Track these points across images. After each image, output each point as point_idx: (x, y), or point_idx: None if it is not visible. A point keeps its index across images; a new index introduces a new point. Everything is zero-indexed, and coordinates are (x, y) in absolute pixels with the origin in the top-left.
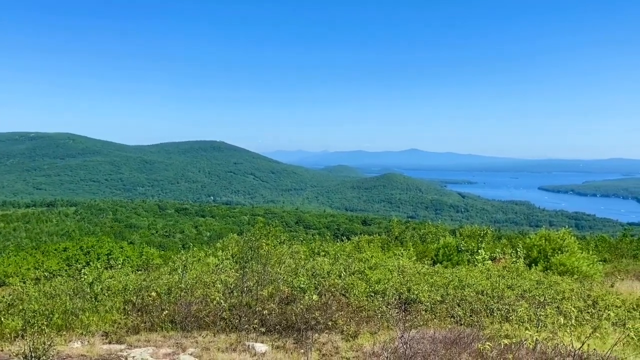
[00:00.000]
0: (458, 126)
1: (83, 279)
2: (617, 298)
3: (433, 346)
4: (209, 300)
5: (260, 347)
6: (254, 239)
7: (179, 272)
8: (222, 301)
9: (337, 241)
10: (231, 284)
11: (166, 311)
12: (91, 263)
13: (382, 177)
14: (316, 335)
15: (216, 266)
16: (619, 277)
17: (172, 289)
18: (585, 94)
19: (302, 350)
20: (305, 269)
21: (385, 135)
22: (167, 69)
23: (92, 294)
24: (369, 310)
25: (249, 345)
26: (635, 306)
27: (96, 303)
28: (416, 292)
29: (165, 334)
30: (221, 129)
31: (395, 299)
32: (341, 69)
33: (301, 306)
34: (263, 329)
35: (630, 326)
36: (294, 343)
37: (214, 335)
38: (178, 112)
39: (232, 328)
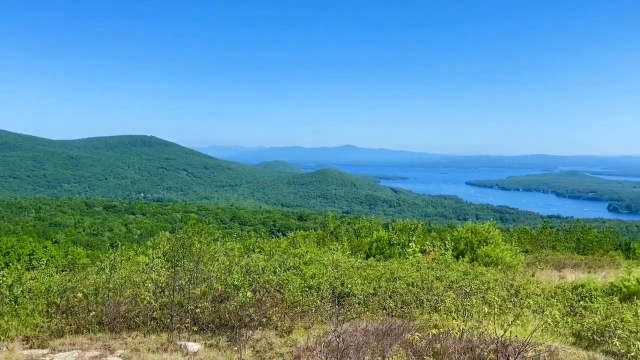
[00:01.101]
0: (391, 123)
1: (1, 282)
2: (537, 287)
3: (365, 338)
4: (139, 300)
5: (193, 346)
6: (186, 236)
7: (107, 271)
8: (152, 301)
9: (273, 237)
10: (162, 283)
11: (93, 312)
12: (11, 264)
13: (318, 173)
14: (250, 332)
15: (147, 265)
16: (539, 267)
17: (100, 289)
18: (511, 95)
19: (236, 348)
20: (239, 266)
21: (322, 132)
22: (92, 61)
23: (11, 297)
24: (303, 306)
25: (180, 345)
26: (553, 294)
27: (16, 306)
28: (350, 286)
29: (92, 336)
30: (152, 123)
31: (329, 293)
32: (278, 67)
33: (235, 303)
34: (195, 328)
35: (547, 313)
36: (227, 341)
37: (145, 336)
38: (106, 105)
39: (163, 328)
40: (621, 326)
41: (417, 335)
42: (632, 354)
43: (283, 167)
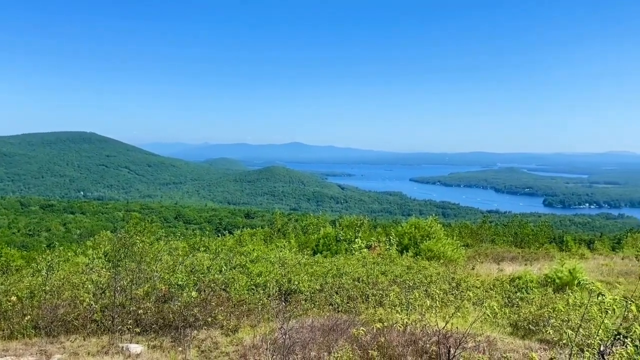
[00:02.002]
0: (338, 121)
1: None
2: (477, 279)
3: (312, 334)
4: (78, 302)
5: (135, 348)
6: (128, 235)
7: (44, 273)
8: (93, 302)
9: (219, 236)
10: (103, 284)
11: (28, 316)
12: None
13: (265, 170)
14: (195, 332)
15: (87, 266)
16: (479, 260)
17: (36, 292)
18: (452, 94)
19: (180, 348)
20: (184, 266)
21: (269, 128)
22: (24, 55)
23: None
24: (250, 304)
25: (122, 347)
26: (492, 286)
27: None
28: (297, 283)
29: (28, 341)
30: (92, 119)
31: (276, 291)
32: (221, 62)
33: (179, 303)
34: (138, 329)
35: (486, 305)
36: (171, 341)
37: (84, 339)
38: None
39: (104, 330)
40: (554, 315)
41: (362, 330)
42: (564, 341)
43: (229, 164)
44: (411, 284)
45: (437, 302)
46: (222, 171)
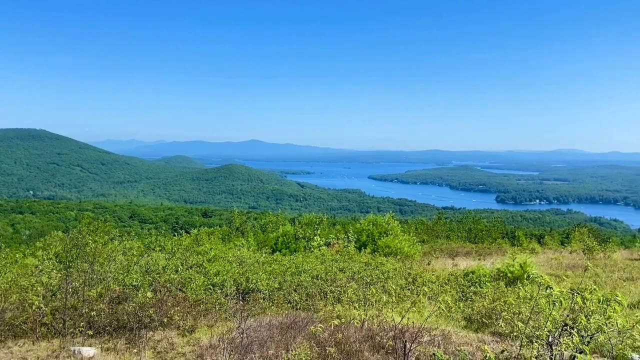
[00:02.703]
0: (297, 119)
1: None
2: (433, 274)
3: (270, 333)
4: (27, 305)
5: (88, 351)
6: (80, 236)
7: None
8: (42, 305)
9: (176, 235)
10: (54, 286)
11: None
12: None
13: (223, 168)
14: (150, 333)
15: (36, 267)
16: (434, 256)
17: None
18: (408, 94)
19: (135, 350)
20: (139, 266)
21: (227, 126)
22: None
23: None
24: (207, 304)
25: (74, 350)
26: (447, 281)
27: None
28: (255, 282)
29: None
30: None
31: (233, 290)
32: (178, 59)
33: (134, 304)
34: (91, 332)
35: (441, 299)
36: (126, 343)
37: (33, 343)
38: None
39: (55, 333)
40: (506, 309)
41: (320, 327)
42: (515, 333)
43: (186, 163)
44: (369, 280)
45: (394, 298)
46: (178, 169)
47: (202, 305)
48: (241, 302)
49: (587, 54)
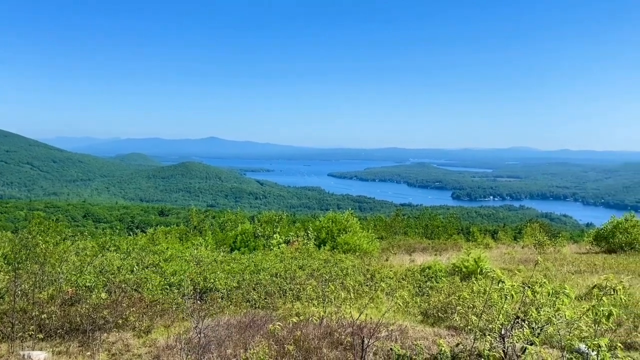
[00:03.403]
0: (257, 116)
1: None
2: (390, 270)
3: (228, 332)
4: None
5: (38, 355)
6: (29, 236)
7: None
8: None
9: (131, 234)
10: (1, 289)
11: None
12: None
13: (180, 166)
14: (105, 335)
15: None
16: (392, 252)
17: None
18: (367, 92)
19: (89, 353)
20: (92, 266)
21: (184, 123)
22: None
23: None
24: (163, 304)
25: (24, 355)
26: (404, 276)
27: None
28: (213, 281)
29: None
30: None
31: (191, 290)
32: (130, 56)
33: (87, 306)
34: (42, 335)
35: (397, 295)
36: (79, 346)
37: None
38: None
39: (3, 338)
40: (460, 303)
41: (279, 325)
42: (469, 327)
43: (142, 160)
44: (328, 277)
45: (352, 294)
46: (134, 167)
47: (158, 306)
48: (199, 301)
49: (540, 55)
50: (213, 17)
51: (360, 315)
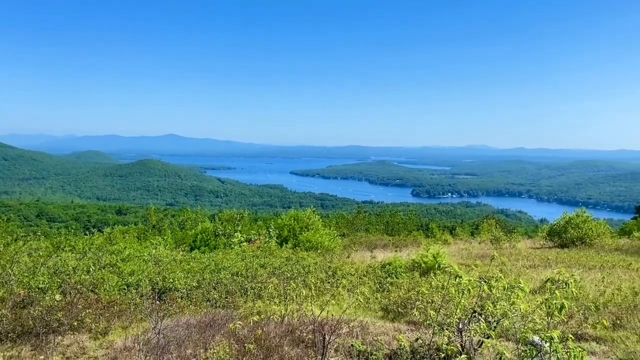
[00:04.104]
0: (217, 113)
1: None
2: (352, 267)
3: (187, 332)
4: None
5: None
6: None
7: None
8: None
9: (87, 234)
10: None
11: None
12: None
13: (138, 164)
14: (59, 337)
15: None
16: (354, 249)
17: None
18: (328, 90)
19: (42, 357)
20: (46, 267)
21: (142, 120)
22: None
23: None
24: (121, 305)
25: None
26: (365, 273)
27: None
28: (172, 280)
29: None
30: None
31: (149, 290)
32: (87, 51)
33: (40, 308)
34: None
35: (358, 291)
36: (31, 350)
37: None
38: None
39: None
40: (419, 298)
41: (239, 324)
42: (428, 322)
43: (99, 158)
44: (290, 275)
45: (314, 292)
46: (90, 165)
47: (116, 307)
48: (157, 301)
49: (494, 58)
50: (170, 12)
51: (321, 313)
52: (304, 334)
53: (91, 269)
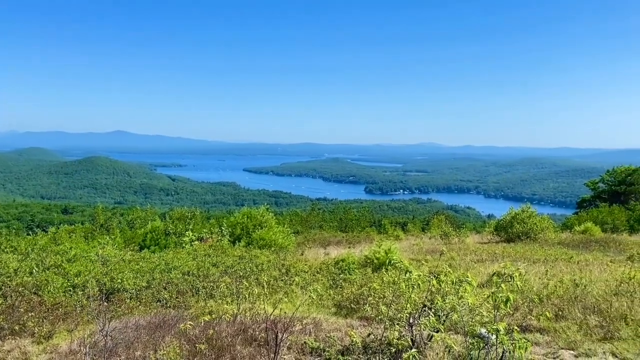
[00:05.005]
0: (168, 109)
1: None
2: (306, 264)
3: (137, 333)
4: None
5: None
6: None
7: None
8: None
9: (31, 234)
10: None
11: None
12: None
13: (85, 161)
14: None
15: None
16: (308, 246)
17: None
18: (280, 87)
19: None
20: None
21: (89, 115)
22: None
23: None
24: (66, 307)
25: None
26: (319, 270)
27: None
28: (120, 281)
29: None
30: None
31: (96, 291)
32: (26, 44)
33: None
34: None
35: (311, 289)
36: None
37: None
38: None
39: None
40: (372, 294)
41: (190, 324)
42: (380, 317)
43: (43, 155)
44: (242, 274)
45: (267, 290)
46: (34, 162)
47: (61, 309)
48: (105, 303)
49: (443, 58)
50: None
51: (274, 311)
52: (257, 333)
53: (34, 271)
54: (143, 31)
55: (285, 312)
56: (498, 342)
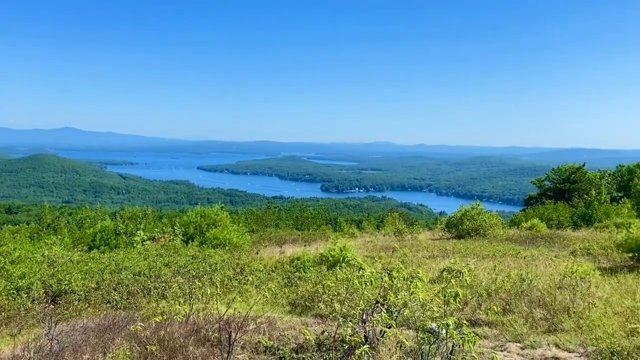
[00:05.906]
0: (120, 105)
1: None
2: (260, 263)
3: (85, 336)
4: None
5: None
6: None
7: None
8: None
9: None
10: None
11: None
12: None
13: (31, 158)
14: None
15: None
16: (263, 245)
17: None
18: (239, 86)
19: None
20: None
21: (35, 111)
22: None
23: None
24: (9, 310)
25: None
26: (274, 268)
27: None
28: (67, 282)
29: None
30: None
31: (42, 293)
32: None
33: None
34: None
35: (265, 287)
36: None
37: None
38: None
39: None
40: (326, 291)
41: (141, 325)
42: (334, 314)
43: None
44: (195, 274)
45: (218, 289)
46: None
47: (3, 313)
48: (52, 305)
49: (397, 57)
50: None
51: (227, 310)
52: (210, 333)
53: None
54: (92, 25)
55: (239, 312)
56: (448, 336)
